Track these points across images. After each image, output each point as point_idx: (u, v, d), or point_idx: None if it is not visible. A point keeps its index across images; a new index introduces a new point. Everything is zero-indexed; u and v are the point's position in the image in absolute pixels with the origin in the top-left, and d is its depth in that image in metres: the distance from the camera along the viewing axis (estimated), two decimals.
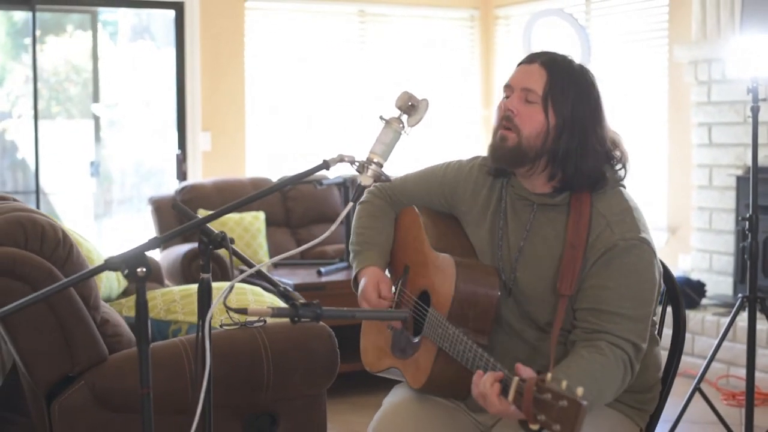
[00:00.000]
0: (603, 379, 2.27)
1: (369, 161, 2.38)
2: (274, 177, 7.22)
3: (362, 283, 2.71)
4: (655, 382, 2.65)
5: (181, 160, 7.12)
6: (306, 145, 8.14)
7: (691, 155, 6.67)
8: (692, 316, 6.04)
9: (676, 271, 6.60)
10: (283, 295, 2.35)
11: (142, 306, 2.16)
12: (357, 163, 2.38)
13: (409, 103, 2.42)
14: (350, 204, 2.38)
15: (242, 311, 2.23)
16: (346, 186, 6.01)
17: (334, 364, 3.45)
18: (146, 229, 7.36)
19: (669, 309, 2.85)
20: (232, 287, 2.23)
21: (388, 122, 2.42)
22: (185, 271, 5.71)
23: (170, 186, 7.76)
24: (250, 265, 2.41)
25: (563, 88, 2.50)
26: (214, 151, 7.78)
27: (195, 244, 5.93)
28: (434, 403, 2.60)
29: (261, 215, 6.72)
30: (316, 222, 7.04)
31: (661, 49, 7.15)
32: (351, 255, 2.84)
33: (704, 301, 6.27)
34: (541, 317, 2.51)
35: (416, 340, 2.58)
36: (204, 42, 7.72)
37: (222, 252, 2.68)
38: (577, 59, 2.62)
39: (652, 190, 7.14)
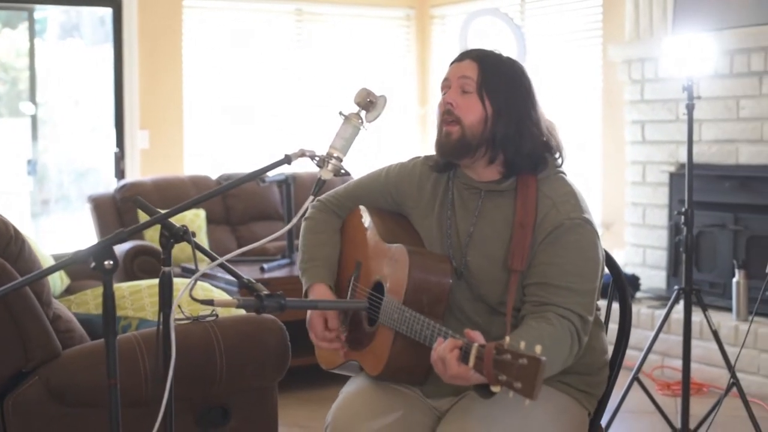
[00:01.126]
0: (552, 347, 2.35)
1: (329, 156, 2.44)
2: (213, 175, 7.22)
3: (308, 312, 2.79)
4: (602, 365, 2.75)
5: (120, 158, 7.11)
6: (244, 143, 8.15)
7: (625, 152, 6.81)
8: None
9: None
10: (246, 286, 2.40)
11: (109, 298, 2.20)
12: (318, 158, 2.44)
13: (368, 99, 2.48)
14: (310, 198, 2.43)
15: (209, 302, 2.28)
16: (288, 183, 6.05)
17: (285, 357, 3.49)
18: (84, 227, 7.33)
19: (615, 303, 2.95)
20: (197, 279, 2.27)
21: (347, 118, 2.48)
22: (128, 269, 5.71)
23: (107, 184, 7.74)
24: (213, 258, 2.45)
25: (495, 78, 2.64)
26: (152, 149, 7.76)
27: (138, 242, 5.93)
28: (391, 391, 2.66)
29: (201, 213, 6.74)
30: (257, 219, 7.07)
31: (595, 48, 7.30)
32: (300, 272, 2.91)
33: (638, 294, 6.42)
34: (493, 297, 2.60)
35: (372, 329, 2.65)
36: (142, 40, 7.70)
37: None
38: (513, 58, 2.76)
39: (587, 187, 7.26)
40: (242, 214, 7.04)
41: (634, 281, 6.41)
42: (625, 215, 6.84)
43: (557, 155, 2.73)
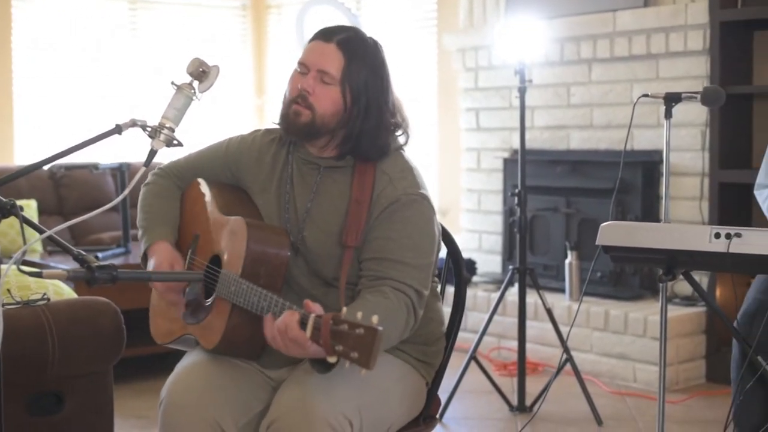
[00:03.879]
0: (387, 320, 2.35)
1: (161, 126, 2.40)
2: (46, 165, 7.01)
3: (153, 261, 2.72)
4: (440, 336, 2.78)
5: None
6: (78, 133, 7.94)
7: (460, 139, 6.92)
8: None
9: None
10: (77, 259, 2.33)
11: None
12: (149, 128, 2.40)
13: (200, 69, 2.45)
14: (142, 169, 2.37)
15: (37, 274, 2.21)
16: (122, 171, 5.93)
17: (120, 341, 3.41)
18: None
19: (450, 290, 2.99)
20: (24, 252, 2.19)
21: (179, 88, 2.44)
22: None
23: None
24: (41, 231, 2.38)
25: (359, 70, 2.59)
26: None
27: None
28: (227, 363, 2.63)
29: (33, 203, 6.55)
30: (91, 209, 6.85)
31: (430, 37, 7.38)
32: (140, 232, 2.84)
33: (475, 278, 6.52)
34: (328, 272, 2.60)
35: (209, 302, 2.62)
36: None
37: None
38: (375, 39, 2.72)
39: (423, 174, 7.31)
40: (76, 204, 6.86)
41: (470, 266, 6.51)
42: (461, 201, 6.95)
43: (400, 132, 2.73)
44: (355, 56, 2.59)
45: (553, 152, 6.29)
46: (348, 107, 2.59)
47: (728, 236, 2.99)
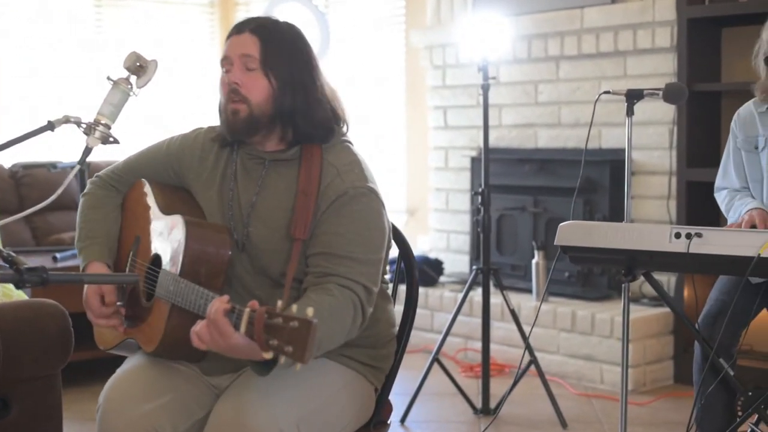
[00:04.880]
0: (331, 318, 2.29)
1: (96, 123, 2.33)
2: (6, 164, 6.91)
3: (85, 289, 2.67)
4: (390, 338, 2.70)
5: None
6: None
7: (428, 138, 6.84)
8: (431, 293, 6.21)
9: (416, 251, 6.75)
10: (7, 260, 2.24)
11: None
12: (84, 125, 2.32)
13: (137, 64, 2.38)
14: (77, 167, 2.29)
15: None
16: (83, 170, 5.83)
17: (68, 344, 3.33)
18: None
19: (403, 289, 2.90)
20: None
21: (115, 83, 2.37)
22: None
23: None
24: None
25: (278, 51, 2.56)
26: None
27: None
28: (168, 369, 2.56)
29: None
30: (53, 209, 6.76)
31: (399, 34, 7.30)
32: (77, 251, 2.79)
33: (442, 278, 6.45)
34: (275, 269, 2.53)
35: (149, 304, 2.53)
36: None
37: None
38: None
39: (392, 173, 7.28)
40: (36, 204, 6.72)
41: (437, 265, 6.44)
42: (429, 201, 6.87)
43: (342, 123, 2.68)
44: (270, 38, 2.57)
45: (520, 151, 6.23)
46: (275, 89, 2.55)
47: (688, 236, 2.94)
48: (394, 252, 2.79)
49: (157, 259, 2.59)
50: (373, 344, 2.63)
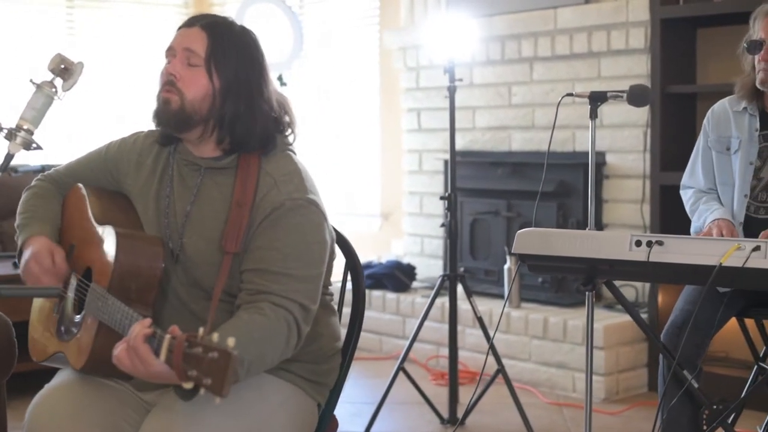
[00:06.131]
0: (262, 339, 2.19)
1: (18, 128, 2.21)
2: None
3: (29, 251, 2.53)
4: (334, 352, 2.59)
5: None
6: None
7: (402, 141, 6.73)
8: (402, 299, 6.09)
9: (390, 255, 6.65)
10: None
11: None
12: (5, 131, 2.20)
13: (62, 66, 2.27)
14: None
15: None
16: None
17: (11, 354, 3.25)
18: None
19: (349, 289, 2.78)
20: None
21: (39, 86, 2.26)
22: None
23: None
24: None
25: (225, 51, 2.45)
26: None
27: None
28: (98, 385, 2.44)
29: None
30: (13, 213, 6.64)
31: (372, 36, 7.18)
32: (17, 232, 2.64)
33: (415, 284, 6.34)
34: (208, 282, 2.41)
35: (78, 318, 2.41)
36: None
37: None
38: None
39: (366, 177, 7.16)
40: (1, 209, 6.60)
41: (410, 271, 6.33)
42: (403, 204, 6.76)
43: (288, 132, 2.57)
44: (220, 37, 2.46)
45: (494, 153, 6.12)
46: (216, 90, 2.43)
47: (649, 244, 2.83)
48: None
49: (88, 271, 2.47)
50: (315, 359, 2.51)
